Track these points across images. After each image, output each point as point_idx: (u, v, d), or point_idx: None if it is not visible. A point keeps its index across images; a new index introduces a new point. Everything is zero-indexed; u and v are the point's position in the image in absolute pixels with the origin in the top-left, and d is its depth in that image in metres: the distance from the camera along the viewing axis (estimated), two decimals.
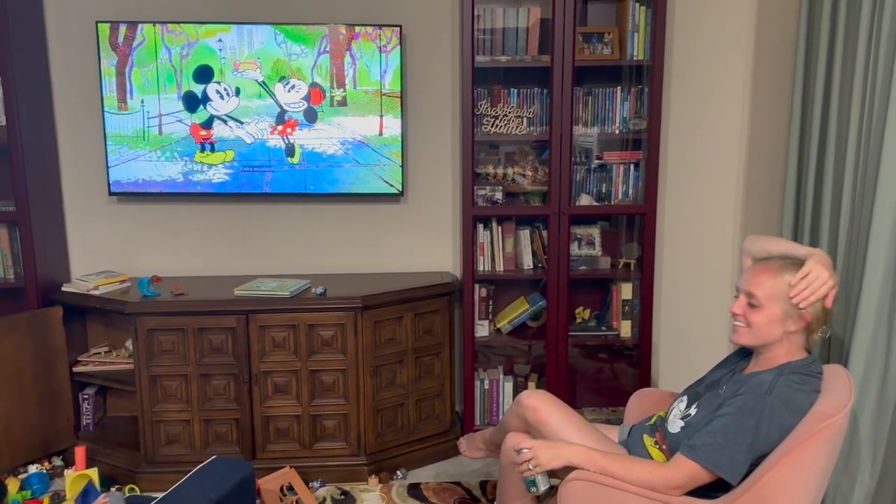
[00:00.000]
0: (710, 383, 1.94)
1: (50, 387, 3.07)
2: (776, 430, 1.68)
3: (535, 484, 1.86)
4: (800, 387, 1.73)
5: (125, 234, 3.31)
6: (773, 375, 1.76)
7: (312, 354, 2.92)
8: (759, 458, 1.70)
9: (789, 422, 1.68)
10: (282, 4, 3.17)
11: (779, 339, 1.82)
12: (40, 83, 3.12)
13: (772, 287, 1.80)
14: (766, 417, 1.68)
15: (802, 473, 1.63)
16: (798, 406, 1.70)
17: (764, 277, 1.82)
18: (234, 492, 2.12)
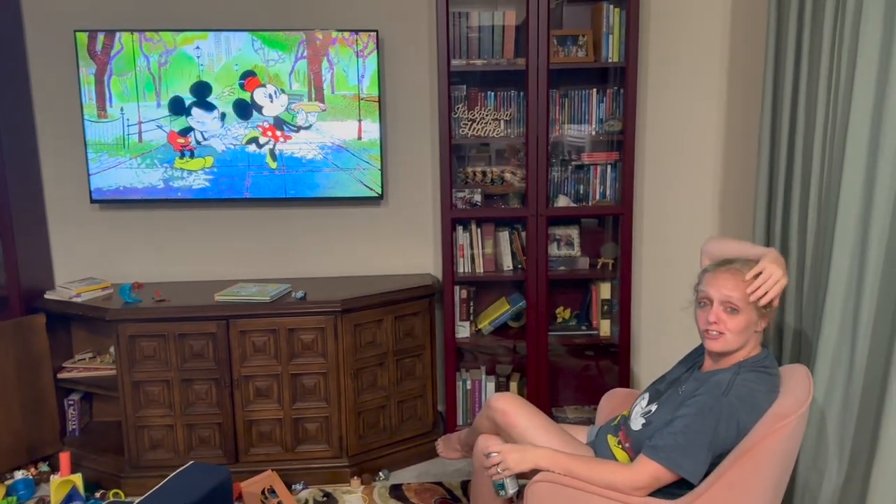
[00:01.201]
0: (671, 381, 1.98)
1: (34, 393, 3.10)
2: (734, 430, 1.72)
3: (503, 487, 1.89)
4: (758, 386, 1.77)
5: (107, 241, 3.33)
6: (730, 375, 1.80)
7: (293, 358, 2.95)
8: (718, 456, 1.73)
9: (746, 421, 1.71)
10: (258, 11, 3.19)
11: (749, 338, 1.86)
12: (20, 92, 3.14)
13: (745, 290, 1.83)
14: (724, 417, 1.72)
15: (760, 472, 1.66)
16: (755, 405, 1.74)
17: (734, 282, 1.84)
18: (209, 496, 2.15)
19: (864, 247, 2.11)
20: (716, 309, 1.86)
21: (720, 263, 1.93)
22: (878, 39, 2.04)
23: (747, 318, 1.84)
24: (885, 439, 1.99)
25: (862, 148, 2.10)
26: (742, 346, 1.85)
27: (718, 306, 1.85)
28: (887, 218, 2.05)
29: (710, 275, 1.91)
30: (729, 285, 1.85)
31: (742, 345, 1.85)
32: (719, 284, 1.86)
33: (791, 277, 2.57)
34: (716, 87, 3.28)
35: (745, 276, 1.85)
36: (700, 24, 3.22)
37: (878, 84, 2.05)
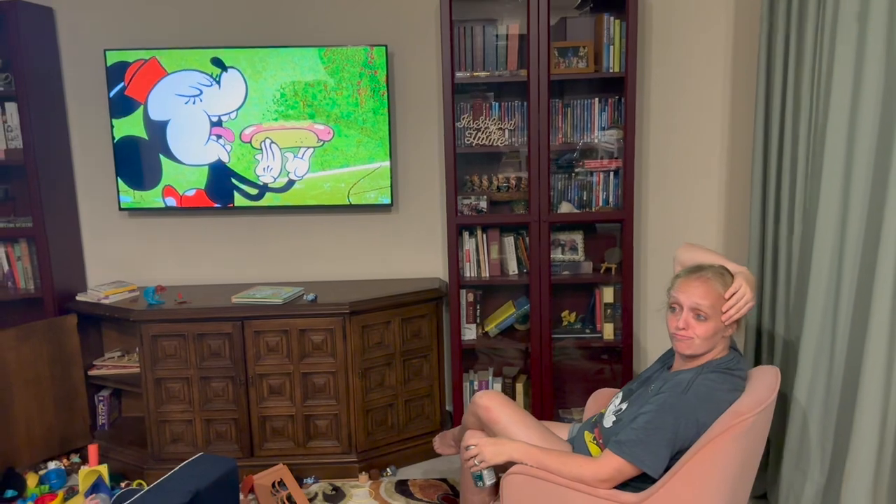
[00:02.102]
0: (643, 380, 2.07)
1: (67, 389, 3.31)
2: (693, 427, 1.80)
3: (481, 478, 2.00)
4: (718, 385, 1.85)
5: (135, 246, 3.54)
6: (692, 374, 1.88)
7: (304, 358, 3.10)
8: (679, 452, 1.82)
9: (705, 418, 1.79)
10: (272, 27, 3.36)
11: (717, 342, 1.94)
12: (55, 108, 3.37)
13: (715, 298, 1.92)
14: (684, 415, 1.80)
15: (716, 467, 1.74)
16: (715, 403, 1.81)
17: (704, 290, 1.92)
18: (215, 485, 2.30)
19: (840, 257, 2.17)
20: (685, 315, 1.94)
21: (692, 270, 2.00)
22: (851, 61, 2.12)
23: (715, 325, 1.91)
24: (857, 435, 2.04)
25: (839, 161, 2.17)
26: (710, 349, 1.93)
27: (688, 312, 1.93)
28: (861, 232, 2.11)
29: (681, 280, 1.99)
30: (699, 293, 1.93)
31: (710, 349, 1.93)
32: (690, 292, 1.94)
33: (779, 285, 2.63)
34: (718, 96, 3.34)
35: (715, 284, 1.93)
36: (702, 34, 3.30)
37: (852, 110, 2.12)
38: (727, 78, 3.32)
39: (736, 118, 3.34)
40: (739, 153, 3.34)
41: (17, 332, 3.14)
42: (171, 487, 2.25)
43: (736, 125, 3.34)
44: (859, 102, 2.06)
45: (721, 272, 1.96)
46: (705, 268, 1.98)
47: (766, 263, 2.76)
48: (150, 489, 2.25)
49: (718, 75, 3.33)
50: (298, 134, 3.29)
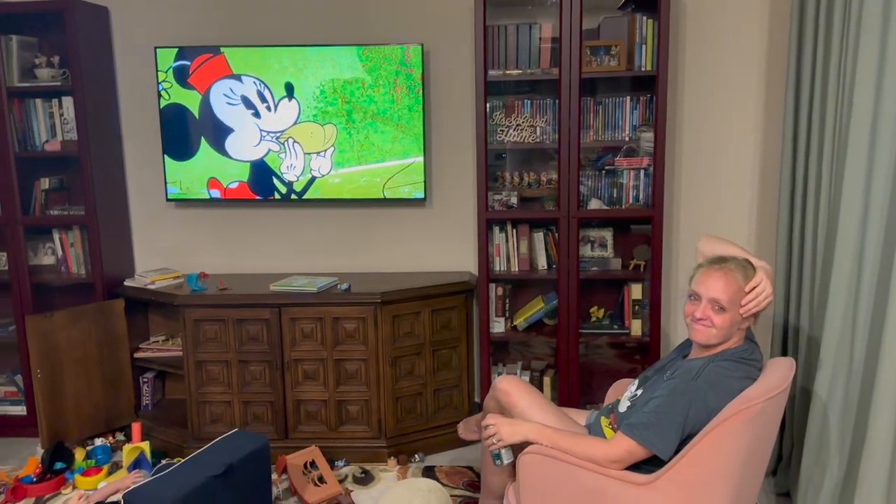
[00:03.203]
0: (659, 368, 2.12)
1: (114, 370, 3.48)
2: (703, 412, 1.85)
3: (499, 457, 2.08)
4: (730, 373, 1.89)
5: (180, 235, 3.71)
6: (705, 362, 1.93)
7: (337, 345, 3.21)
8: (689, 436, 1.87)
9: (715, 404, 1.84)
10: (314, 27, 3.49)
11: (734, 333, 1.99)
12: (108, 103, 3.55)
13: (734, 291, 1.96)
14: (694, 400, 1.85)
15: (724, 450, 1.79)
16: (726, 390, 1.86)
17: (725, 282, 1.97)
18: (248, 458, 2.42)
19: (861, 258, 2.20)
20: (704, 305, 1.98)
21: (715, 261, 2.04)
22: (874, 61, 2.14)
23: (732, 317, 1.96)
24: (873, 431, 2.06)
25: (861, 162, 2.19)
26: (725, 339, 1.98)
27: (707, 303, 1.98)
28: (881, 231, 2.13)
29: (704, 271, 2.04)
30: (720, 286, 1.97)
31: (725, 339, 1.98)
32: (710, 283, 1.98)
33: (804, 283, 2.66)
34: (750, 95, 3.36)
35: (736, 277, 1.97)
36: (735, 33, 3.32)
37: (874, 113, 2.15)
38: (760, 77, 3.34)
39: (768, 117, 3.35)
40: (770, 152, 3.35)
41: (69, 314, 3.32)
42: (206, 460, 2.37)
43: (768, 124, 3.35)
44: (881, 104, 2.09)
45: (744, 265, 2.00)
46: (728, 260, 2.02)
47: (792, 262, 2.78)
48: (187, 461, 2.38)
49: (751, 75, 3.35)
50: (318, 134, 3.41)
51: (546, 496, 2.00)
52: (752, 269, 2.01)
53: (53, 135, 3.47)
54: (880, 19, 2.10)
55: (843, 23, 2.35)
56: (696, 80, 3.39)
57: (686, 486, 1.84)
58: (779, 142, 3.31)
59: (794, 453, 2.76)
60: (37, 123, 3.47)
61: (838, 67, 2.40)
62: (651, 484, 1.87)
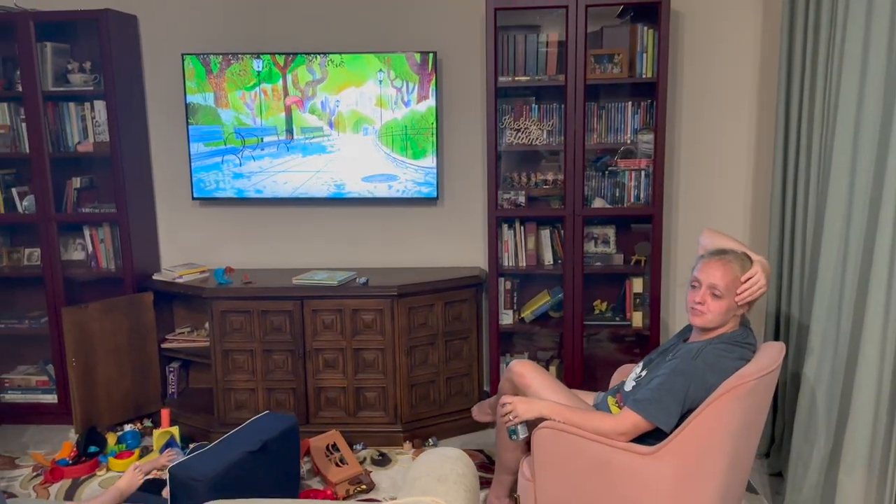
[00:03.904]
0: (662, 351, 2.32)
1: (142, 360, 3.67)
2: (701, 389, 2.05)
3: (515, 433, 2.27)
4: (726, 354, 2.10)
5: (205, 232, 3.90)
6: (702, 344, 2.14)
7: (356, 335, 3.41)
8: (689, 411, 2.07)
9: (712, 381, 2.04)
10: (332, 36, 3.68)
11: (729, 319, 2.19)
12: (137, 106, 3.74)
13: (731, 280, 2.16)
14: (693, 378, 2.05)
15: (720, 423, 1.99)
16: (722, 369, 2.06)
17: (722, 271, 2.16)
18: (279, 437, 2.62)
19: (845, 253, 2.40)
20: (703, 292, 2.18)
21: (716, 252, 2.24)
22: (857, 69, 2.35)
23: (728, 304, 2.16)
24: (856, 407, 2.27)
25: (845, 167, 2.40)
26: (722, 324, 2.18)
27: (706, 290, 2.18)
28: (862, 230, 2.33)
29: (704, 261, 2.23)
30: (717, 274, 2.17)
31: (722, 324, 2.18)
32: (709, 272, 2.19)
33: (794, 275, 2.86)
34: (745, 101, 3.57)
35: (734, 267, 2.17)
36: (730, 43, 3.53)
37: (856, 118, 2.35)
38: (753, 83, 3.55)
39: (761, 121, 3.55)
40: (763, 154, 3.56)
41: (102, 306, 3.51)
42: (241, 438, 2.57)
43: (761, 128, 3.56)
44: (862, 114, 2.29)
45: (742, 258, 2.20)
46: (728, 252, 2.21)
47: (783, 255, 2.99)
48: (223, 439, 2.57)
49: (745, 81, 3.55)
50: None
51: (558, 467, 2.19)
52: (750, 262, 2.20)
53: (85, 136, 3.66)
54: (862, 34, 2.31)
55: (830, 27, 2.56)
56: (693, 86, 3.60)
57: (685, 455, 2.04)
58: (771, 144, 3.52)
59: (785, 435, 2.96)
60: (70, 126, 3.66)
61: (825, 75, 2.60)
62: (654, 454, 2.06)
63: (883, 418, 2.21)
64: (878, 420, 2.22)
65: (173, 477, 2.31)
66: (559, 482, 2.21)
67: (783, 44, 2.94)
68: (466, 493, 1.77)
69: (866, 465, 2.27)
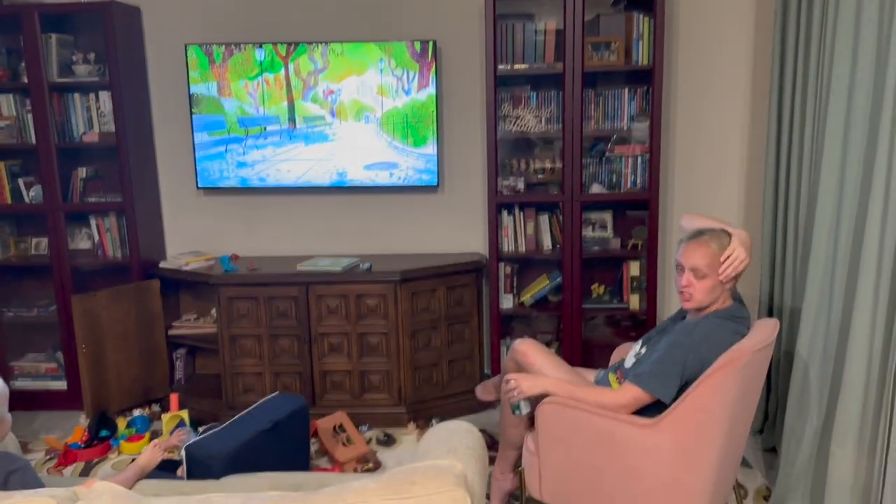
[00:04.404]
0: (661, 329, 2.41)
1: (150, 346, 3.75)
2: (698, 362, 2.13)
3: (519, 408, 2.35)
4: (721, 328, 2.18)
5: (210, 220, 3.96)
6: (699, 320, 2.23)
7: (360, 320, 3.48)
8: (687, 383, 2.15)
9: (709, 354, 2.12)
10: (335, 24, 3.75)
11: (719, 295, 2.27)
12: (141, 96, 3.80)
13: (711, 258, 2.23)
14: (691, 351, 2.14)
15: (718, 395, 2.08)
16: (717, 342, 2.14)
17: (702, 252, 2.23)
18: (289, 417, 2.69)
19: (836, 234, 2.48)
20: (686, 275, 2.26)
21: (694, 235, 2.30)
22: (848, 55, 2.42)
23: (713, 282, 2.23)
24: (847, 380, 2.36)
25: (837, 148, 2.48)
26: (713, 301, 2.26)
27: (689, 273, 2.26)
28: (853, 210, 2.42)
29: (684, 245, 2.30)
30: (697, 255, 2.24)
31: (712, 301, 2.26)
32: (689, 254, 2.26)
33: (787, 256, 2.95)
34: (740, 87, 3.65)
35: (712, 246, 2.23)
36: (725, 29, 3.61)
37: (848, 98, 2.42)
38: (747, 70, 3.62)
39: (755, 107, 3.63)
40: (757, 138, 3.64)
41: (109, 294, 3.58)
42: (253, 418, 2.64)
43: (755, 113, 3.64)
44: (853, 95, 2.37)
45: (719, 234, 2.27)
46: (705, 232, 2.28)
47: (777, 238, 3.07)
48: (235, 420, 2.64)
49: (739, 68, 3.63)
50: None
51: (562, 441, 2.28)
52: (728, 237, 2.27)
53: (91, 127, 3.71)
54: (853, 18, 2.38)
55: (822, 18, 2.64)
56: (688, 73, 3.67)
57: (683, 427, 2.12)
58: (765, 129, 3.60)
59: (778, 412, 3.06)
60: (75, 116, 3.71)
61: (818, 61, 2.68)
62: (654, 426, 2.15)
63: (873, 392, 2.30)
64: (868, 394, 2.31)
65: (190, 455, 2.38)
66: (563, 455, 2.29)
67: (777, 30, 3.02)
68: (477, 462, 1.85)
69: (857, 438, 2.36)
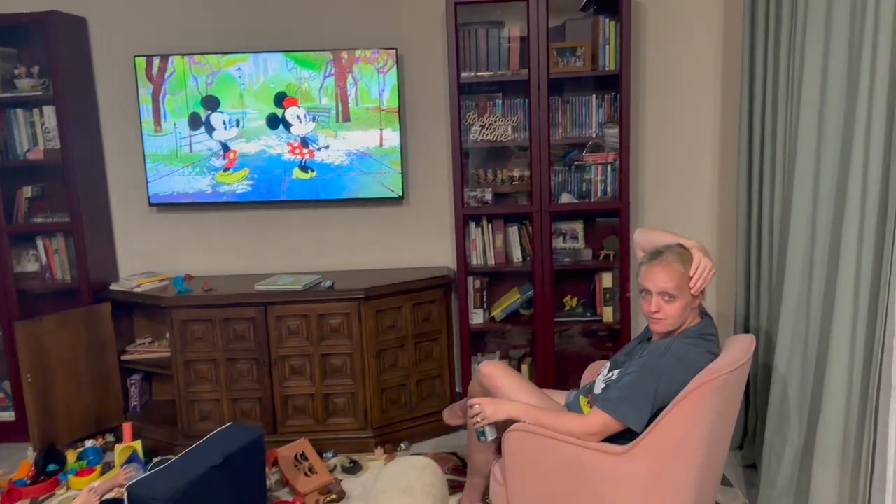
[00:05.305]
0: (628, 352, 2.28)
1: (102, 373, 3.55)
2: (671, 385, 2.00)
3: (484, 434, 2.21)
4: (693, 348, 2.06)
5: (163, 239, 3.78)
6: (670, 341, 2.10)
7: (323, 340, 3.32)
8: (660, 409, 2.02)
9: (683, 377, 2.00)
10: (291, 34, 3.60)
11: (689, 314, 2.15)
12: (89, 111, 3.62)
13: (678, 278, 2.11)
14: (663, 374, 2.01)
15: (693, 420, 1.95)
16: (691, 364, 2.02)
17: (668, 273, 2.11)
18: (243, 449, 2.53)
19: (812, 243, 2.37)
20: (655, 300, 2.14)
21: (652, 256, 2.18)
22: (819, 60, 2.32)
23: (683, 302, 2.12)
24: (827, 400, 2.24)
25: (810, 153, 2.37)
26: (683, 322, 2.14)
27: (657, 297, 2.13)
28: (829, 222, 2.31)
29: (645, 268, 2.18)
30: (663, 278, 2.12)
31: (683, 322, 2.14)
32: (655, 278, 2.13)
33: (763, 267, 2.84)
34: (710, 92, 3.55)
35: (676, 266, 2.11)
36: (693, 33, 3.51)
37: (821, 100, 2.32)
38: (717, 75, 3.53)
39: (726, 112, 3.54)
40: (729, 144, 3.54)
41: (57, 319, 3.39)
42: (203, 452, 2.48)
43: (726, 119, 3.54)
44: (826, 99, 2.27)
45: (678, 252, 2.15)
46: (664, 251, 2.16)
47: (751, 246, 2.96)
48: (185, 454, 2.48)
49: (709, 72, 3.53)
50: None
51: (530, 469, 2.14)
52: (688, 252, 2.16)
53: (35, 143, 3.53)
54: (823, 20, 2.28)
55: (791, 20, 2.54)
56: (657, 78, 3.57)
57: (658, 453, 1.99)
58: (736, 135, 3.50)
59: (757, 427, 2.94)
60: (18, 133, 3.52)
61: (787, 66, 2.58)
62: (626, 454, 2.02)
63: (855, 410, 2.19)
64: (851, 412, 2.19)
65: (131, 496, 2.22)
66: (531, 485, 2.15)
67: (745, 33, 2.92)
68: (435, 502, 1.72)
69: (839, 458, 2.24)
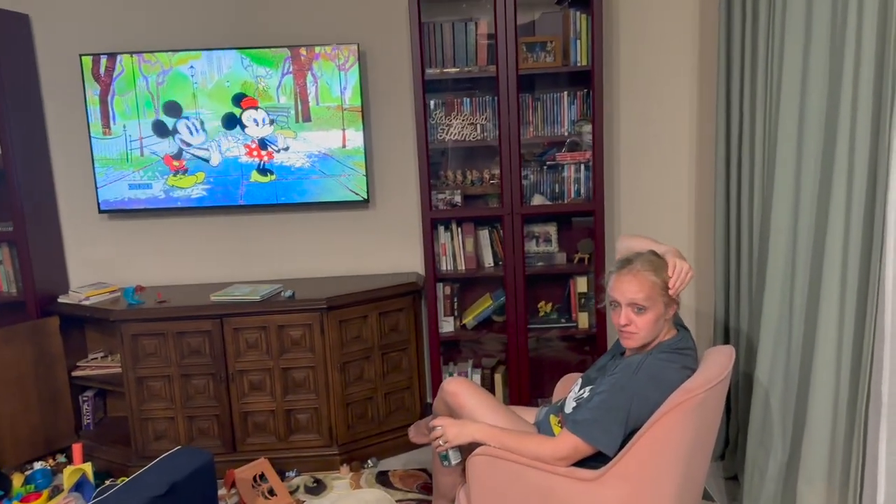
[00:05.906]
0: (600, 367, 2.13)
1: (51, 390, 3.35)
2: (645, 406, 1.85)
3: (447, 458, 2.06)
4: (668, 364, 1.91)
5: (115, 248, 3.59)
6: (643, 357, 1.95)
7: (283, 353, 3.15)
8: (634, 431, 1.87)
9: (657, 397, 1.85)
10: (246, 30, 3.41)
11: (662, 326, 1.99)
12: (33, 113, 3.41)
13: (649, 288, 1.96)
14: (636, 394, 1.86)
15: (669, 442, 1.80)
16: (666, 382, 1.87)
17: (637, 283, 1.96)
18: (191, 476, 2.35)
19: (794, 248, 2.24)
20: (625, 311, 1.98)
21: (622, 265, 2.03)
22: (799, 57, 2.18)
23: (655, 313, 1.96)
24: (812, 414, 2.11)
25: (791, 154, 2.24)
26: (657, 335, 1.99)
27: (627, 308, 1.98)
28: (811, 224, 2.18)
29: (614, 277, 2.03)
30: (633, 288, 1.97)
31: (656, 335, 1.98)
32: (623, 288, 1.98)
33: (742, 274, 2.70)
34: (685, 88, 3.41)
35: (646, 275, 1.96)
36: (668, 27, 3.36)
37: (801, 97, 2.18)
38: (693, 71, 3.39)
39: (702, 110, 3.40)
40: (707, 144, 3.40)
41: (2, 334, 3.18)
42: (148, 480, 2.30)
43: (703, 116, 3.40)
44: (806, 96, 2.13)
45: (649, 258, 2.00)
46: (633, 260, 2.01)
47: (730, 250, 2.83)
48: (128, 482, 2.30)
49: (684, 68, 3.39)
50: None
51: (496, 496, 1.98)
52: (660, 258, 2.01)
53: None
54: (803, 14, 2.14)
55: (769, 14, 2.40)
56: (631, 74, 3.42)
57: (633, 479, 1.85)
58: (713, 132, 3.36)
59: (739, 437, 2.81)
60: None
61: (766, 59, 2.44)
62: (598, 479, 1.87)
63: (842, 423, 2.05)
64: (837, 425, 2.06)
65: None
66: None
67: (722, 27, 2.79)
68: None
69: (826, 474, 2.11)
